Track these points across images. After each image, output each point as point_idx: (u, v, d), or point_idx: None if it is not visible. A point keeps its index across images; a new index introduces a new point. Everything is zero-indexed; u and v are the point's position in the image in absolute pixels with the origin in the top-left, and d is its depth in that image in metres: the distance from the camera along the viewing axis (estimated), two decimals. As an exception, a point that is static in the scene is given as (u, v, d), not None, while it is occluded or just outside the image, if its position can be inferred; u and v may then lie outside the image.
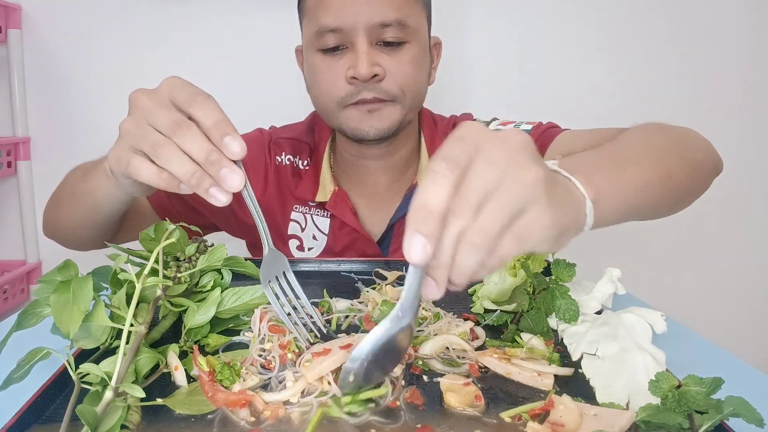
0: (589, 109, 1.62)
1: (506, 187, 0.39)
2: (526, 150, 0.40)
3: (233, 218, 0.99)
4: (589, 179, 0.48)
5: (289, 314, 0.58)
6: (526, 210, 0.39)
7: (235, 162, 0.52)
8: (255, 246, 1.07)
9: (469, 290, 0.73)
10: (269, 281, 0.57)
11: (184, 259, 0.59)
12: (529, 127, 0.94)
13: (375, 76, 0.83)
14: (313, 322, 0.60)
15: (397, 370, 0.52)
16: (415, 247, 0.37)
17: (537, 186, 0.39)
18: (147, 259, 0.55)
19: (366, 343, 0.44)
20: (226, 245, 0.64)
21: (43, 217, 0.92)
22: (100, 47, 1.57)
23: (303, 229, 0.99)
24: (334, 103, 0.86)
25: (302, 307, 0.59)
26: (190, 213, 0.97)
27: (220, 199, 0.51)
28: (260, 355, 0.54)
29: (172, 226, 0.58)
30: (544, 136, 0.91)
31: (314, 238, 0.99)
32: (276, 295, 0.57)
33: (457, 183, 0.38)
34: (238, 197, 0.53)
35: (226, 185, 0.51)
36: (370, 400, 0.48)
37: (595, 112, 1.62)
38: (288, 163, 1.00)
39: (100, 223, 0.78)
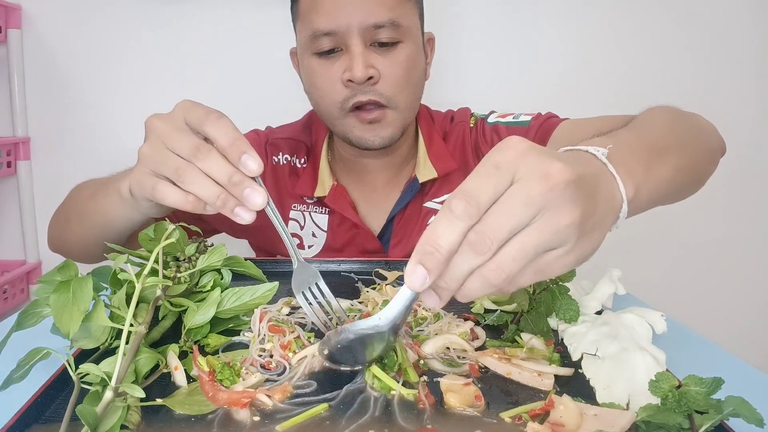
0: (587, 101, 1.61)
1: (536, 229, 0.37)
2: (568, 188, 0.37)
3: (235, 222, 0.99)
4: (630, 173, 0.46)
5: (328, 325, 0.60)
6: (552, 249, 0.38)
7: (254, 179, 0.54)
8: (259, 247, 1.07)
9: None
10: (302, 291, 0.60)
11: (184, 259, 0.59)
12: (529, 118, 0.94)
13: (370, 78, 0.82)
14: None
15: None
16: (416, 277, 0.38)
17: (570, 230, 0.37)
18: (147, 259, 0.55)
19: (339, 334, 0.48)
20: (226, 245, 0.64)
21: (49, 232, 0.92)
22: (100, 47, 1.57)
23: (302, 227, 0.99)
24: (335, 108, 0.86)
25: (335, 312, 0.61)
26: (194, 219, 0.97)
27: (244, 218, 0.54)
28: (260, 356, 0.54)
29: (171, 226, 0.58)
30: (544, 126, 0.91)
31: (313, 235, 0.99)
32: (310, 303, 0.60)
33: (474, 224, 0.37)
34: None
35: (249, 204, 0.53)
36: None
37: (593, 104, 1.61)
38: (285, 162, 1.00)
39: (110, 241, 0.78)
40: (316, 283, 0.60)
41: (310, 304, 0.60)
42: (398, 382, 0.50)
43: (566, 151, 0.46)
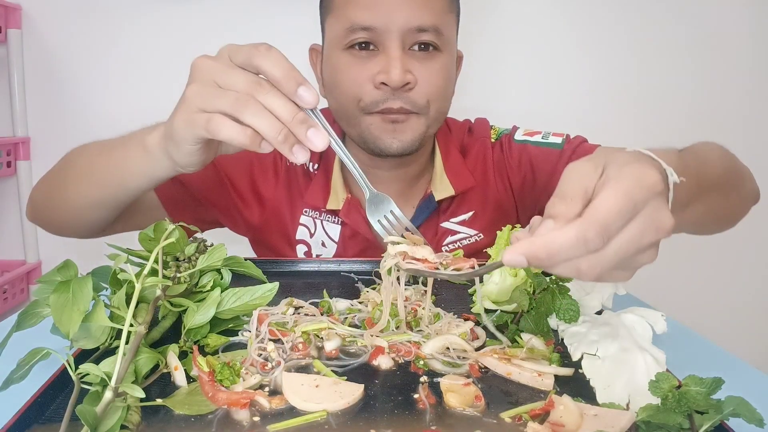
0: (604, 115, 1.62)
1: (643, 253, 0.43)
2: (670, 229, 0.43)
3: (239, 216, 0.97)
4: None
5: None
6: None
7: (314, 113, 0.54)
8: (259, 243, 1.05)
9: (469, 290, 0.73)
10: (378, 219, 0.66)
11: (184, 259, 0.59)
12: (559, 140, 0.92)
13: (406, 84, 0.79)
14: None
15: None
16: (516, 262, 0.41)
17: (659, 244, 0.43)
18: (146, 259, 0.55)
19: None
20: (226, 245, 0.64)
21: (33, 199, 0.87)
22: (100, 47, 1.57)
23: (312, 235, 0.95)
24: (356, 107, 0.82)
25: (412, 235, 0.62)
26: (198, 207, 0.95)
27: (299, 157, 0.53)
28: (260, 355, 0.54)
29: (171, 226, 0.58)
30: (578, 152, 0.89)
31: (323, 245, 0.95)
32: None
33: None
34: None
35: (311, 145, 0.52)
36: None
37: (610, 119, 1.62)
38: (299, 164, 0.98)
39: (115, 203, 0.75)
40: (391, 211, 0.64)
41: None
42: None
43: (659, 153, 0.49)
